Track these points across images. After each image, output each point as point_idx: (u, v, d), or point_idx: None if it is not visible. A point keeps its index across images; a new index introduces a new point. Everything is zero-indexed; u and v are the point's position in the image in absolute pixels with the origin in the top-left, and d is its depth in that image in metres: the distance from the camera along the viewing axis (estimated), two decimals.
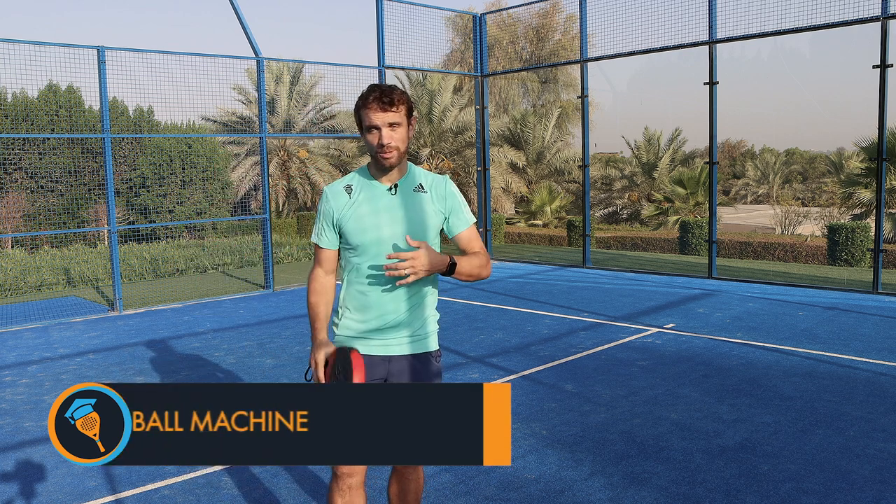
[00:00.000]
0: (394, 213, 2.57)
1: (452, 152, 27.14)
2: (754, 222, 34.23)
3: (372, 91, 2.49)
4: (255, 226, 20.02)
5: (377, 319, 2.61)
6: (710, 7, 10.03)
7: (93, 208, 19.20)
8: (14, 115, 18.47)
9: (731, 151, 55.68)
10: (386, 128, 2.48)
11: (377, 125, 2.48)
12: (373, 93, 2.48)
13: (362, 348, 2.64)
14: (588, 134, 12.15)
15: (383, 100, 2.47)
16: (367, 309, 2.63)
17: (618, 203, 31.18)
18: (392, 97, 2.48)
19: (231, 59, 10.34)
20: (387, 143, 2.48)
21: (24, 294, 11.94)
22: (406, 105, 2.52)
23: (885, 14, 8.68)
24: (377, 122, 2.47)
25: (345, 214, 2.60)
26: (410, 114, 2.56)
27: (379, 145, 2.49)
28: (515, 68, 32.37)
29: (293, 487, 3.88)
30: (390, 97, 2.47)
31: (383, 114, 2.47)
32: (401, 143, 2.51)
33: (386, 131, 2.48)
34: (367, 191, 2.61)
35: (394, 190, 2.59)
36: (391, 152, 2.50)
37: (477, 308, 8.78)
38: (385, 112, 2.47)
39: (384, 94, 2.48)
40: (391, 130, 2.48)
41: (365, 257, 2.59)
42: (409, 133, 2.56)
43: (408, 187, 2.61)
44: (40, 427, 4.94)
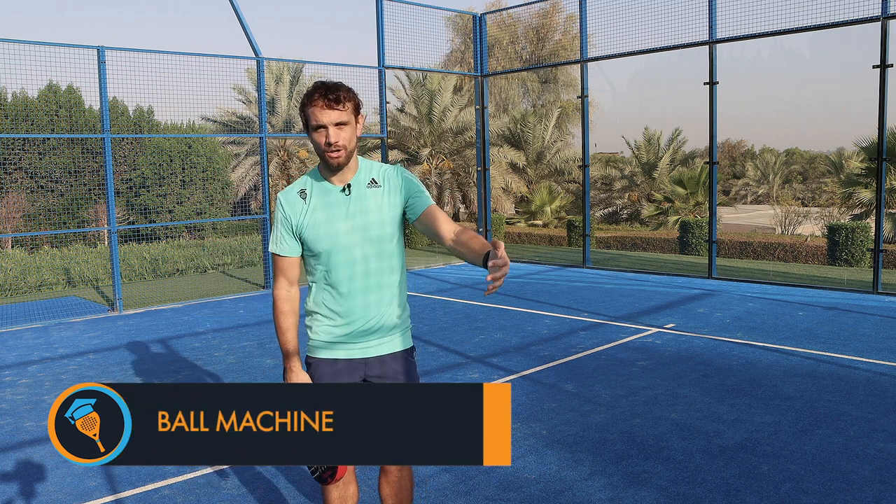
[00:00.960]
0: (354, 217, 2.52)
1: (452, 152, 27.13)
2: (754, 222, 34.23)
3: (317, 89, 2.42)
4: (255, 226, 20.02)
5: (354, 323, 2.59)
6: (710, 7, 10.03)
7: (93, 208, 19.21)
8: (14, 115, 18.47)
9: (731, 151, 55.68)
10: (332, 127, 2.41)
11: (323, 124, 2.41)
12: (318, 90, 2.41)
13: (341, 352, 2.62)
14: (588, 134, 12.15)
15: (329, 97, 2.39)
16: (342, 314, 2.59)
17: (618, 203, 31.17)
18: (338, 94, 2.41)
19: (231, 59, 10.34)
20: (334, 142, 2.42)
21: (24, 294, 11.94)
22: (353, 103, 2.46)
23: (885, 14, 8.68)
24: (323, 120, 2.40)
25: (302, 223, 2.54)
26: (357, 111, 2.49)
27: (326, 144, 2.42)
28: (515, 68, 32.37)
29: (293, 487, 3.88)
30: (336, 94, 2.40)
31: (329, 111, 2.40)
32: (348, 142, 2.44)
33: (332, 130, 2.41)
34: (320, 195, 2.54)
35: (347, 190, 2.54)
36: (338, 152, 2.43)
37: (477, 308, 8.78)
38: (331, 110, 2.40)
39: (329, 91, 2.40)
40: (338, 129, 2.42)
41: (330, 264, 2.55)
42: (356, 131, 2.49)
43: (360, 185, 2.55)
44: (40, 427, 4.94)
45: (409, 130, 26.76)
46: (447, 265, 12.96)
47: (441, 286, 10.51)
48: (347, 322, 2.59)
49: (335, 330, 2.61)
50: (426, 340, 7.16)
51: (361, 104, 2.52)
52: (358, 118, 2.50)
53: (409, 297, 9.91)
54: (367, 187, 2.55)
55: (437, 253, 15.70)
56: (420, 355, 6.57)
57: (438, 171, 27.03)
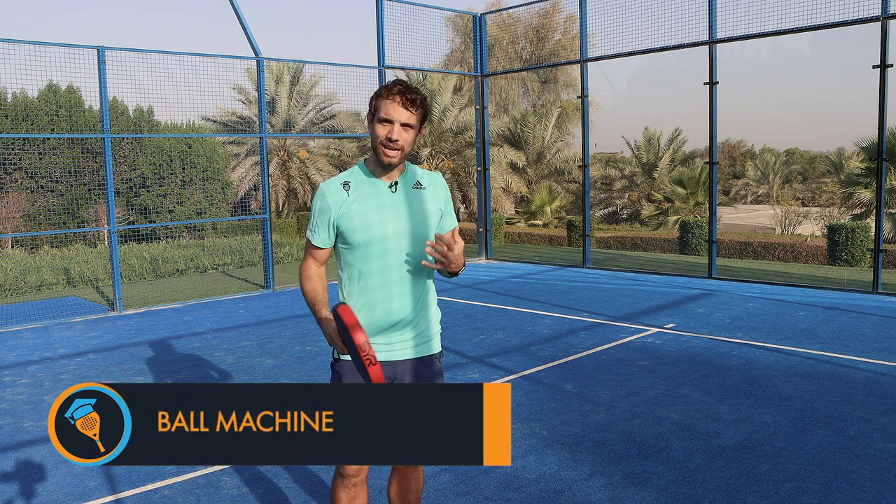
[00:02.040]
0: (398, 210, 2.54)
1: (452, 152, 27.13)
2: (754, 222, 34.23)
3: (398, 84, 2.46)
4: (255, 226, 20.02)
5: (382, 319, 2.56)
6: (710, 7, 10.03)
7: (93, 208, 19.20)
8: (14, 115, 18.46)
9: (731, 151, 55.69)
10: (398, 124, 2.45)
11: (392, 119, 2.45)
12: (398, 85, 2.46)
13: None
14: (588, 134, 12.15)
15: (407, 96, 2.44)
16: (371, 308, 2.56)
17: (618, 203, 31.17)
18: (416, 98, 2.46)
19: (231, 59, 10.34)
20: (395, 139, 2.45)
21: (24, 294, 11.94)
22: (424, 111, 2.51)
23: (885, 14, 8.68)
24: (393, 115, 2.44)
25: (344, 212, 2.53)
26: (423, 122, 2.54)
27: (387, 138, 2.45)
28: (515, 68, 32.37)
29: (293, 487, 3.88)
30: (414, 97, 2.46)
31: (402, 110, 2.45)
32: (407, 144, 2.49)
33: (398, 127, 2.45)
34: (367, 188, 2.55)
35: (395, 187, 2.56)
36: (396, 151, 2.46)
37: (477, 308, 8.78)
38: (405, 109, 2.45)
39: (409, 92, 2.45)
40: (403, 130, 2.46)
41: (367, 255, 2.53)
42: (416, 139, 2.54)
43: (408, 185, 2.59)
44: (40, 427, 4.94)
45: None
46: None
47: (441, 286, 10.51)
48: (379, 317, 2.56)
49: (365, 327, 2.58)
50: None
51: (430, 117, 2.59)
52: (422, 128, 2.55)
53: None
54: (414, 188, 2.58)
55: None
56: None
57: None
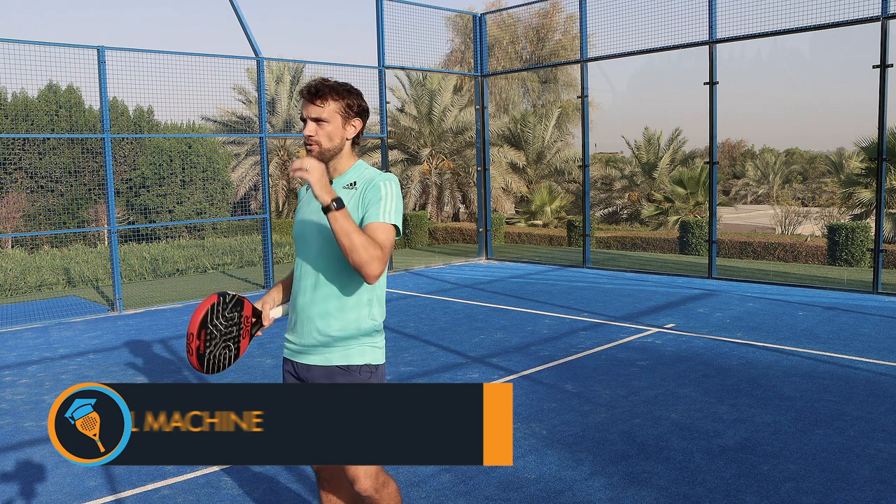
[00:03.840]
0: (317, 210, 2.53)
1: (452, 152, 27.13)
2: (754, 222, 34.24)
3: (308, 83, 2.51)
4: (255, 226, 20.02)
5: (296, 320, 2.60)
6: (710, 7, 10.03)
7: (93, 208, 19.21)
8: (14, 115, 18.46)
9: (731, 151, 55.70)
10: (310, 121, 2.48)
11: (303, 118, 2.50)
12: (306, 84, 2.50)
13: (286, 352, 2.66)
14: (588, 134, 12.15)
15: (310, 90, 2.47)
16: (291, 307, 2.64)
17: (618, 203, 31.18)
18: (318, 89, 2.47)
19: (231, 59, 10.34)
20: (307, 136, 2.48)
21: (24, 294, 11.94)
22: (339, 102, 2.48)
23: (885, 14, 8.68)
24: (304, 114, 2.50)
25: (298, 210, 2.69)
26: (350, 112, 2.49)
27: (305, 136, 2.50)
28: (515, 68, 32.36)
29: (294, 487, 3.88)
30: (317, 89, 2.47)
31: (310, 106, 2.47)
32: (325, 138, 2.47)
33: (310, 124, 2.48)
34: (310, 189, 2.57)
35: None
36: (311, 146, 2.49)
37: (477, 308, 8.78)
38: (311, 104, 2.47)
39: (313, 86, 2.48)
40: (316, 125, 2.47)
41: (296, 252, 2.65)
42: (342, 132, 2.50)
43: (340, 185, 2.54)
44: (40, 427, 4.94)
45: (409, 130, 26.76)
46: (447, 265, 12.96)
47: (441, 286, 10.50)
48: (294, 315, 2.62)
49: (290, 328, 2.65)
50: (426, 340, 7.16)
51: (356, 106, 2.51)
52: (350, 121, 2.50)
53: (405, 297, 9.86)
54: (344, 188, 2.54)
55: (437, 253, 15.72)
56: (420, 355, 6.57)
57: (438, 171, 27.03)
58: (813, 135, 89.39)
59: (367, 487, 2.48)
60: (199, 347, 2.46)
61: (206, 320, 2.47)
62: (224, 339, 2.54)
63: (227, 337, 2.55)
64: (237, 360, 2.59)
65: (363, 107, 2.54)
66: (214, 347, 2.51)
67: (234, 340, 2.58)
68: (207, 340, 2.49)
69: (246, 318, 2.61)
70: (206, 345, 2.48)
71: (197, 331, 2.45)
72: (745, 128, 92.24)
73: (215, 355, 2.52)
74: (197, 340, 2.45)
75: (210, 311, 2.48)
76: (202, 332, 2.47)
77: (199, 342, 2.46)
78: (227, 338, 2.54)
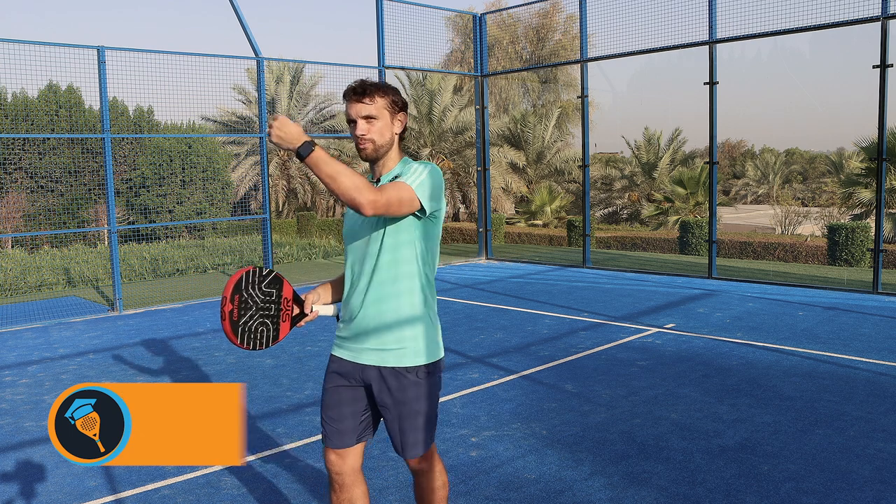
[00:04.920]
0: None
1: (452, 152, 27.13)
2: (754, 222, 34.24)
3: (352, 84, 2.51)
4: (255, 226, 20.03)
5: (350, 321, 2.60)
6: (710, 7, 10.03)
7: (93, 208, 19.21)
8: (14, 115, 18.46)
9: (731, 151, 55.71)
10: (361, 120, 2.48)
11: (352, 117, 2.50)
12: (350, 86, 2.50)
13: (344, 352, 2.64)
14: (588, 134, 12.15)
15: (356, 90, 2.47)
16: (343, 306, 2.64)
17: (618, 203, 31.18)
18: (366, 87, 2.48)
19: (231, 59, 10.34)
20: (360, 135, 2.48)
21: (24, 294, 11.93)
22: (385, 98, 2.50)
23: (885, 14, 8.68)
24: (352, 113, 2.49)
25: (346, 214, 2.68)
26: (395, 108, 2.53)
27: (354, 137, 2.50)
28: (515, 68, 32.36)
29: (294, 487, 3.88)
30: (363, 87, 2.48)
31: (358, 105, 2.47)
32: (377, 134, 2.49)
33: (360, 123, 2.48)
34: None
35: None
36: (365, 144, 2.49)
37: (477, 308, 8.78)
38: (359, 104, 2.47)
39: (358, 86, 2.48)
40: (366, 123, 2.48)
41: (345, 252, 2.64)
42: (391, 126, 2.53)
43: (386, 180, 2.55)
44: (40, 427, 4.94)
45: (409, 130, 26.77)
46: (447, 265, 12.96)
47: (441, 286, 10.50)
48: (347, 315, 2.62)
49: (341, 324, 2.65)
50: None
51: (400, 101, 2.55)
52: (396, 116, 2.54)
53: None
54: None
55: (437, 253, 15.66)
56: None
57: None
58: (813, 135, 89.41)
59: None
60: (234, 313, 2.37)
61: (240, 285, 2.39)
62: (261, 313, 2.45)
63: (265, 313, 2.46)
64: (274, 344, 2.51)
65: (405, 101, 2.58)
66: (249, 319, 2.42)
67: (273, 319, 2.50)
68: (241, 308, 2.39)
69: (285, 300, 2.55)
70: (240, 312, 2.39)
71: (230, 294, 2.36)
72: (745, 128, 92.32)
73: (251, 327, 2.43)
74: (230, 304, 2.37)
75: (245, 278, 2.40)
76: (236, 297, 2.37)
77: (232, 306, 2.37)
78: (264, 313, 2.46)
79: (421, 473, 2.70)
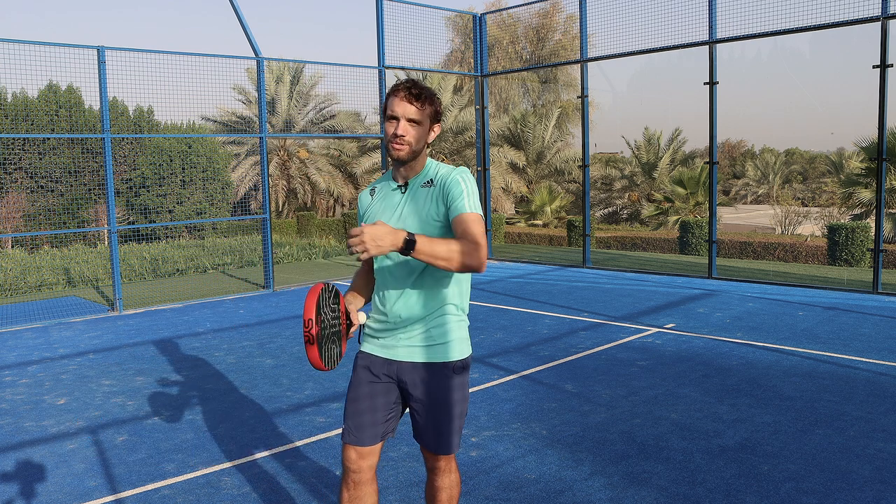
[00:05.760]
0: (401, 210, 2.56)
1: (452, 152, 27.13)
2: (754, 222, 34.23)
3: (405, 81, 2.51)
4: (255, 226, 20.03)
5: (384, 317, 2.60)
6: (710, 7, 10.03)
7: (93, 208, 19.21)
8: (14, 115, 18.46)
9: (731, 151, 55.72)
10: (404, 120, 2.47)
11: (397, 115, 2.48)
12: (404, 83, 2.50)
13: (367, 346, 2.65)
14: (588, 134, 12.15)
15: (412, 91, 2.47)
16: (376, 305, 2.64)
17: (618, 203, 31.19)
18: (421, 93, 2.49)
19: (231, 59, 10.34)
20: (400, 135, 2.47)
21: (24, 294, 11.93)
22: (432, 107, 2.53)
23: (885, 14, 8.68)
24: (398, 111, 2.47)
25: (366, 216, 2.65)
26: (436, 118, 2.56)
27: (392, 135, 2.48)
28: (515, 68, 32.36)
29: (294, 487, 3.88)
30: (419, 92, 2.49)
31: (407, 105, 2.47)
32: (415, 140, 2.50)
33: (403, 123, 2.47)
34: (385, 191, 2.64)
35: (404, 188, 2.58)
36: (402, 146, 2.48)
37: (477, 308, 8.78)
38: (409, 104, 2.47)
39: (414, 87, 2.49)
40: (409, 125, 2.48)
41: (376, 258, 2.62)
42: (427, 135, 2.55)
43: (417, 184, 2.57)
44: (40, 427, 4.94)
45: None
46: None
47: None
48: (383, 315, 2.61)
49: (375, 324, 2.64)
50: None
51: (442, 115, 2.58)
52: (433, 126, 2.56)
53: None
54: (422, 187, 2.56)
55: None
56: None
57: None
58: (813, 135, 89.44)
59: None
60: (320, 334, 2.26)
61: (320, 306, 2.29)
62: (331, 330, 2.40)
63: (333, 330, 2.42)
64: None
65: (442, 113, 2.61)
66: (325, 339, 2.35)
67: (338, 336, 2.45)
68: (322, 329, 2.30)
69: (343, 313, 2.50)
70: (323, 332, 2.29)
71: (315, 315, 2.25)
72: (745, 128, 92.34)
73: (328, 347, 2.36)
74: (317, 326, 2.26)
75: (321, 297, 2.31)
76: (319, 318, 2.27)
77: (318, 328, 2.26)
78: (332, 330, 2.41)
79: (442, 472, 2.70)
